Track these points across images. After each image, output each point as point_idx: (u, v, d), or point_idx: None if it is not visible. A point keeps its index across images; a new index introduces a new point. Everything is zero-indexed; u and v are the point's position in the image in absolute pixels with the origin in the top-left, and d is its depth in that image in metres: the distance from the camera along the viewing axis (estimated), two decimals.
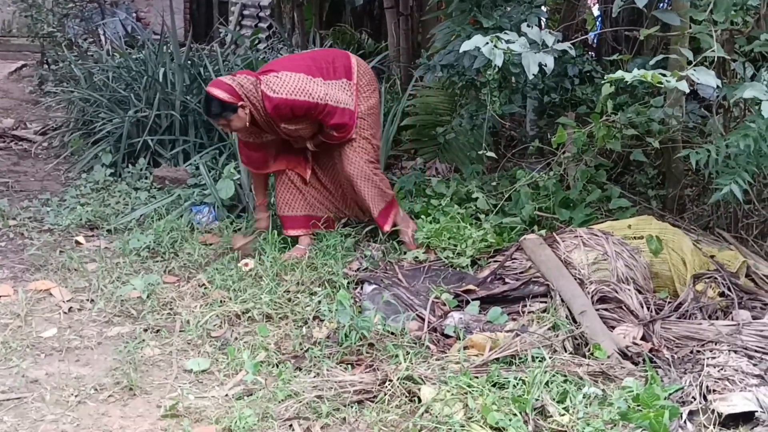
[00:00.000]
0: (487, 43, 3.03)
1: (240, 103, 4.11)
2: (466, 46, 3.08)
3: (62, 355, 3.34)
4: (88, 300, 3.87)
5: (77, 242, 4.71)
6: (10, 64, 12.45)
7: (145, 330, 3.58)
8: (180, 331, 3.59)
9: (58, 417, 2.86)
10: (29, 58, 12.72)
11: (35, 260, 4.38)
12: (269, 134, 4.37)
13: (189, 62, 6.84)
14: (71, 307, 3.79)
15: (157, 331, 3.59)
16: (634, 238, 3.93)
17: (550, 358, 3.08)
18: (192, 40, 8.44)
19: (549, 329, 3.37)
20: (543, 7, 4.77)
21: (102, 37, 10.41)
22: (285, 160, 4.52)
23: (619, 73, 3.03)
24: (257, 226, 4.61)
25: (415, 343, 3.38)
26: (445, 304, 3.74)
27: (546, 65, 3.14)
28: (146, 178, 5.78)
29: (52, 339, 3.47)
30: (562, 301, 3.56)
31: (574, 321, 3.43)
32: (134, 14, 13.76)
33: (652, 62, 3.36)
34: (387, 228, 4.46)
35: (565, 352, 3.22)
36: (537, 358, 3.10)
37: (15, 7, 11.26)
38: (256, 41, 10.12)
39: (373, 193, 4.40)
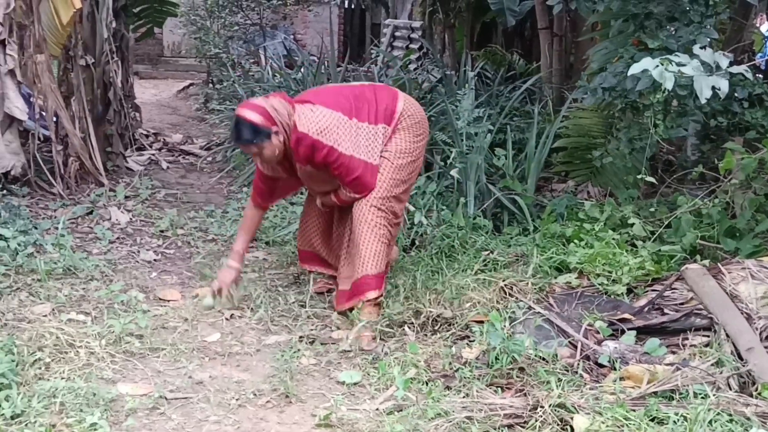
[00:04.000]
0: (657, 66, 2.93)
1: (274, 129, 3.61)
2: (635, 68, 2.99)
3: (224, 360, 3.52)
4: (248, 308, 4.06)
5: None
6: (179, 83, 13.38)
7: (301, 339, 3.71)
8: (332, 342, 3.70)
9: (220, 418, 3.01)
10: (196, 77, 13.62)
11: (201, 268, 4.64)
12: (286, 173, 3.94)
13: (344, 82, 7.07)
14: (233, 314, 3.99)
15: (312, 341, 3.71)
16: None
17: (713, 395, 2.92)
18: (348, 60, 8.73)
19: (712, 365, 3.20)
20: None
21: (263, 58, 10.96)
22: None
23: None
24: (220, 278, 4.02)
25: (567, 371, 3.31)
26: (598, 332, 3.63)
27: (720, 89, 3.00)
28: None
29: (216, 344, 3.67)
30: (727, 336, 3.37)
31: (740, 358, 3.23)
32: (292, 36, 14.40)
33: None
34: (371, 295, 3.79)
35: (730, 389, 3.04)
36: (699, 394, 2.95)
37: (185, 29, 12.10)
38: (408, 62, 10.29)
39: (374, 248, 3.78)
